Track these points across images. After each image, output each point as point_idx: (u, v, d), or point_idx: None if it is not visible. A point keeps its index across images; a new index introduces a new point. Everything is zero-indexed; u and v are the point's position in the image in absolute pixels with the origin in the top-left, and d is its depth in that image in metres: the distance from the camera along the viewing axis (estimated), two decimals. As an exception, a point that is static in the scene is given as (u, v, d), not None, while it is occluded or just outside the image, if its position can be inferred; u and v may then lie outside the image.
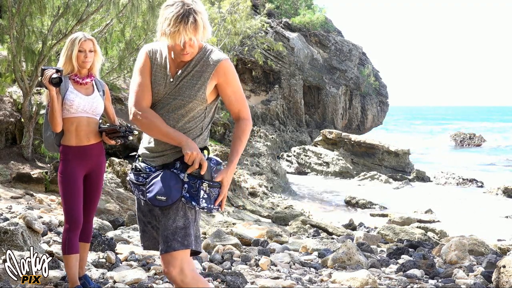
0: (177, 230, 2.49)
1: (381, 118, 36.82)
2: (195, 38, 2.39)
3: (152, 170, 2.53)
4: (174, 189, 2.44)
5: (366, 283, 4.72)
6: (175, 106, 2.51)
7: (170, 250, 2.48)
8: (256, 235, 8.36)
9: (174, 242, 2.48)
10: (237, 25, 19.52)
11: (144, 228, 2.70)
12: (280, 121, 29.43)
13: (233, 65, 2.65)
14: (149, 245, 2.71)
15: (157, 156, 2.55)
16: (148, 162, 2.57)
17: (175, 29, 2.34)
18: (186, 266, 2.54)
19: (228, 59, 2.56)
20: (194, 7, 2.37)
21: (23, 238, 4.29)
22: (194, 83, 2.49)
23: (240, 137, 2.57)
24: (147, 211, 2.66)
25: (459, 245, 6.73)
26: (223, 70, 2.51)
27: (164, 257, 2.50)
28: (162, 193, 2.43)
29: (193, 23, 2.34)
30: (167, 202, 2.44)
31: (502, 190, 18.72)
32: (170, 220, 2.50)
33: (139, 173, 2.56)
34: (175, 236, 2.49)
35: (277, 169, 19.75)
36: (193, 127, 2.54)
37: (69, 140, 3.65)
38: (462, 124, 71.95)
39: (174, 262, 2.49)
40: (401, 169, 23.54)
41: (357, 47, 34.52)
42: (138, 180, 2.56)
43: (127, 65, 12.10)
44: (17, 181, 9.08)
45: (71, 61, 3.62)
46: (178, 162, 2.51)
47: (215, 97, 2.59)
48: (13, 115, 11.19)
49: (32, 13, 10.14)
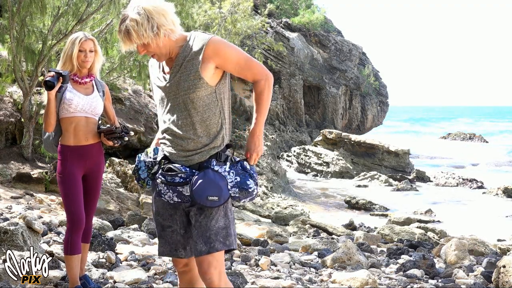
0: (219, 231, 2.49)
1: (381, 118, 36.79)
2: (139, 42, 2.41)
3: (188, 171, 2.48)
4: (224, 187, 2.44)
5: (366, 283, 4.72)
6: (182, 102, 2.49)
7: (213, 251, 2.47)
8: (256, 235, 8.37)
9: (217, 242, 2.47)
10: (237, 25, 19.51)
11: (161, 233, 2.65)
12: (280, 121, 29.41)
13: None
14: (164, 251, 2.66)
15: (191, 155, 2.50)
16: (181, 162, 2.52)
17: (120, 39, 2.46)
18: (224, 268, 2.56)
19: (213, 37, 2.48)
20: (128, 15, 2.40)
21: (23, 238, 4.28)
22: (188, 74, 2.47)
23: (257, 101, 2.54)
24: (167, 215, 2.61)
25: (459, 245, 6.73)
26: (212, 52, 2.45)
27: (204, 258, 2.47)
28: (214, 193, 2.41)
29: (125, 32, 2.39)
30: (219, 201, 2.43)
31: (502, 190, 18.71)
32: (213, 220, 2.48)
33: (175, 173, 2.49)
34: (218, 237, 2.48)
35: (277, 169, 19.73)
36: (211, 116, 2.51)
37: (67, 139, 3.64)
38: (462, 124, 71.91)
39: (216, 263, 2.49)
40: (401, 169, 23.53)
41: (357, 47, 34.50)
42: (175, 181, 2.48)
43: (127, 65, 12.10)
44: (17, 181, 9.08)
45: (71, 61, 3.61)
46: (214, 160, 2.50)
47: (220, 78, 2.53)
48: (13, 115, 11.19)
49: (32, 13, 10.13)
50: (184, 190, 2.47)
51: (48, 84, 3.46)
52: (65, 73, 3.53)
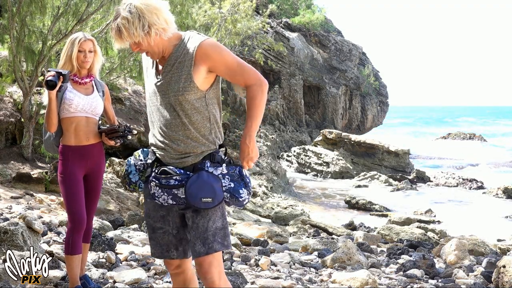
0: (217, 231, 2.48)
1: (381, 118, 36.81)
2: (130, 41, 2.40)
3: (182, 173, 2.45)
4: (218, 189, 2.42)
5: (366, 283, 4.72)
6: (170, 103, 2.47)
7: (212, 251, 2.47)
8: (256, 235, 8.37)
9: (215, 243, 2.47)
10: (238, 25, 19.51)
11: (151, 235, 2.64)
12: (280, 121, 29.41)
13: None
14: (155, 252, 2.65)
15: (184, 157, 2.48)
16: (175, 164, 2.49)
17: (112, 37, 2.46)
18: (223, 267, 2.56)
19: (206, 39, 2.45)
20: (120, 13, 2.38)
21: (23, 238, 4.29)
22: (179, 75, 2.44)
23: (249, 106, 2.48)
24: (159, 216, 2.59)
25: (459, 245, 6.73)
26: (204, 55, 2.41)
27: (205, 259, 2.47)
28: (208, 195, 2.39)
29: (116, 30, 2.39)
30: (213, 203, 2.41)
31: (502, 190, 18.70)
32: (210, 221, 2.47)
33: (170, 176, 2.46)
34: (216, 237, 2.48)
35: (277, 169, 19.74)
36: (199, 119, 2.48)
37: (68, 140, 3.64)
38: (462, 124, 71.92)
39: (216, 263, 2.49)
40: (401, 169, 23.53)
41: (357, 47, 34.51)
42: (169, 184, 2.45)
43: (127, 65, 12.10)
44: (17, 181, 9.08)
45: (71, 61, 3.61)
46: (208, 161, 2.47)
47: (211, 83, 2.50)
48: (13, 115, 11.19)
49: (32, 13, 10.13)
50: (179, 192, 2.45)
51: (50, 83, 3.47)
52: (65, 72, 3.53)
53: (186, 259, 2.66)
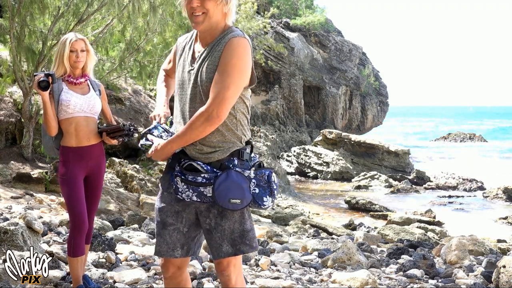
0: (244, 233, 2.44)
1: (381, 118, 36.82)
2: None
3: (209, 170, 2.35)
4: (246, 190, 2.33)
5: (366, 283, 4.72)
6: (199, 93, 2.38)
7: (239, 253, 2.43)
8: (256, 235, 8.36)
9: (243, 245, 2.43)
10: (238, 25, 19.55)
11: (160, 231, 2.51)
12: (280, 121, 29.41)
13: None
14: (161, 250, 2.51)
15: (211, 152, 2.38)
16: (201, 159, 2.38)
17: None
18: (242, 270, 2.54)
19: (240, 36, 2.34)
20: None
21: (23, 238, 4.29)
22: (211, 67, 2.35)
23: (187, 124, 2.35)
24: (173, 211, 2.48)
25: (459, 245, 6.73)
26: (228, 47, 2.32)
27: (229, 260, 2.44)
28: (237, 196, 2.30)
29: None
30: (242, 204, 2.33)
31: (502, 190, 18.69)
32: (236, 223, 2.42)
33: (198, 173, 2.35)
34: (243, 239, 2.43)
35: (277, 169, 19.73)
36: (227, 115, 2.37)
37: (69, 141, 3.63)
38: (462, 124, 71.92)
39: (235, 262, 2.46)
40: (401, 169, 23.53)
41: (357, 47, 34.52)
42: (197, 181, 2.34)
43: (127, 65, 12.10)
44: (17, 181, 9.08)
45: (63, 63, 3.59)
46: (236, 158, 2.38)
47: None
48: (13, 115, 11.19)
49: (33, 13, 10.13)
50: (206, 190, 2.34)
51: (42, 84, 3.46)
52: (51, 72, 3.54)
53: (187, 259, 2.59)
